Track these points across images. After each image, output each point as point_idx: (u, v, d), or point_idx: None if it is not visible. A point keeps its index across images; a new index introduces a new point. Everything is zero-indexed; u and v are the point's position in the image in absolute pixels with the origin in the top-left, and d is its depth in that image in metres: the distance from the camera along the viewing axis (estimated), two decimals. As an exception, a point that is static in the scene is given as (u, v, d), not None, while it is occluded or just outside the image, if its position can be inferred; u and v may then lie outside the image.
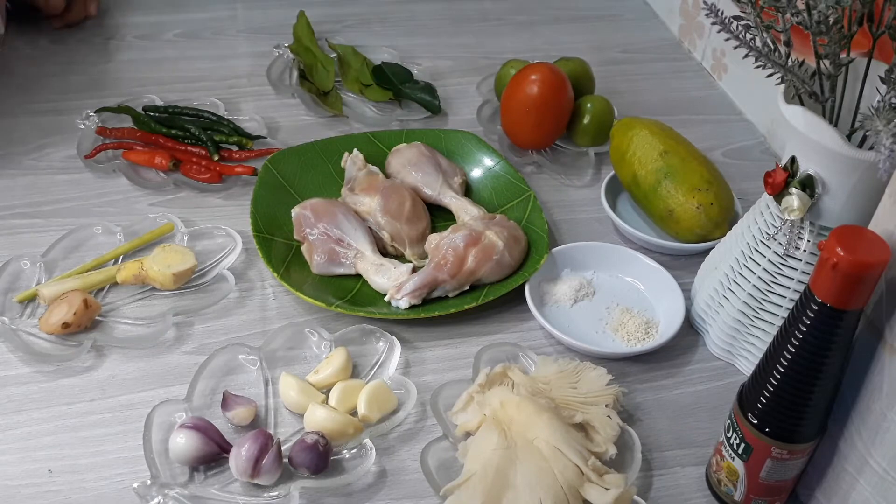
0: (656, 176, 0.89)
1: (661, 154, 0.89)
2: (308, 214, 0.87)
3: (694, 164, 0.89)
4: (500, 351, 0.78)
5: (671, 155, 0.89)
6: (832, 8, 0.63)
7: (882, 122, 0.58)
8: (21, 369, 0.76)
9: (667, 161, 0.88)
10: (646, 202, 0.91)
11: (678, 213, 0.87)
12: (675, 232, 0.89)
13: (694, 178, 0.88)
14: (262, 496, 0.67)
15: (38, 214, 0.90)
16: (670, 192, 0.88)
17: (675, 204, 0.87)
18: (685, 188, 0.87)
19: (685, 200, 0.87)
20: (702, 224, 0.87)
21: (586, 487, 0.66)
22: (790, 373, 0.61)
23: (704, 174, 0.88)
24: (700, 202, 0.87)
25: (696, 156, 0.90)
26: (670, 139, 0.91)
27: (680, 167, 0.88)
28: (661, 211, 0.89)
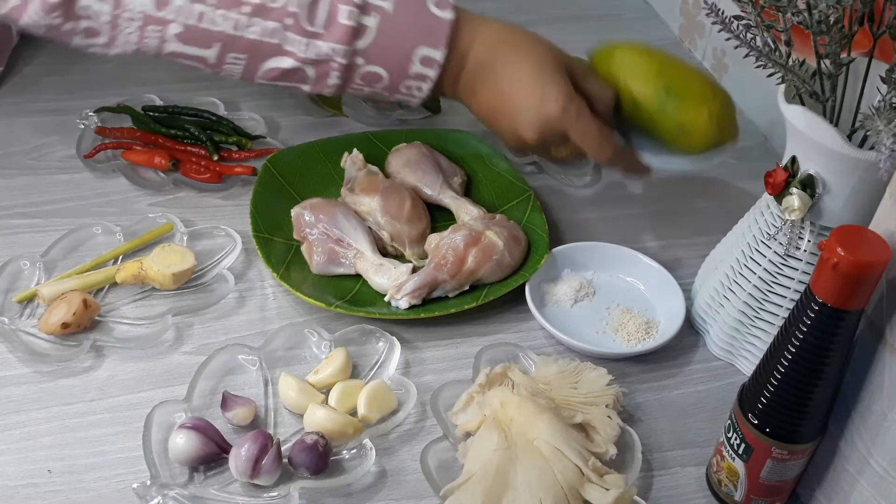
0: (660, 96, 0.84)
1: (657, 74, 0.85)
2: (308, 214, 0.87)
3: (693, 74, 0.86)
4: (500, 351, 0.78)
5: (669, 70, 0.86)
6: (833, 7, 0.63)
7: (882, 121, 0.58)
8: (21, 369, 0.76)
9: (666, 78, 0.85)
10: (652, 124, 0.86)
11: (691, 126, 0.84)
12: (688, 146, 0.86)
13: (697, 87, 0.85)
14: (262, 496, 0.67)
15: (37, 214, 0.90)
16: (678, 106, 0.84)
17: (686, 119, 0.84)
18: (693, 101, 0.84)
19: (696, 111, 0.84)
20: (714, 133, 0.85)
21: (586, 488, 0.66)
22: (791, 373, 0.61)
23: (706, 83, 0.86)
24: (711, 110, 0.84)
25: (688, 67, 0.88)
26: (661, 55, 0.87)
27: (680, 81, 0.85)
28: (671, 129, 0.85)
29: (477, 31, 0.81)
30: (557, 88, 0.79)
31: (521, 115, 0.80)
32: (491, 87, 0.81)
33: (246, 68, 0.78)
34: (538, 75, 0.79)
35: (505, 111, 0.81)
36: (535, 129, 0.80)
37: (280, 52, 0.77)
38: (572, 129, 0.80)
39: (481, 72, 0.81)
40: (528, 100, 0.80)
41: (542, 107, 0.79)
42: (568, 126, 0.80)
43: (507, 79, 0.80)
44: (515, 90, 0.80)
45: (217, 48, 0.77)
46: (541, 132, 0.81)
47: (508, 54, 0.80)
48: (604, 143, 0.81)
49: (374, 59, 0.78)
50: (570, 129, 0.80)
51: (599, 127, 0.81)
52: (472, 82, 0.81)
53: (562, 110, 0.79)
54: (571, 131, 0.80)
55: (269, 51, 0.77)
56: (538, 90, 0.79)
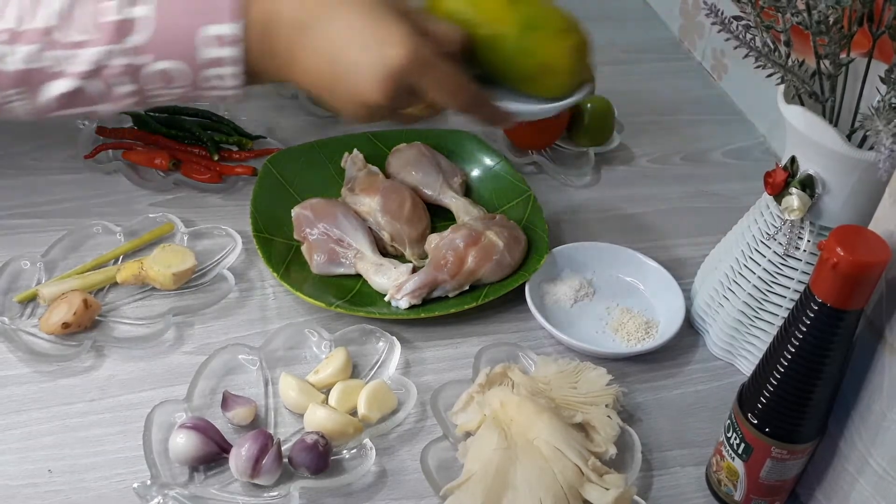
0: (514, 31, 0.73)
1: (509, 5, 0.74)
2: (308, 214, 0.87)
3: (548, 6, 0.75)
4: (500, 351, 0.78)
5: (521, 2, 0.74)
6: (832, 8, 0.63)
7: (882, 121, 0.58)
8: (21, 369, 0.76)
9: (520, 10, 0.74)
10: (508, 65, 0.75)
11: (554, 63, 0.74)
12: (547, 88, 0.76)
13: (556, 21, 0.74)
14: (262, 496, 0.67)
15: (38, 214, 0.90)
16: (538, 42, 0.74)
17: (546, 55, 0.74)
18: (552, 33, 0.74)
19: (557, 45, 0.74)
20: (576, 70, 0.75)
21: (586, 487, 0.66)
22: (790, 373, 0.61)
23: (563, 14, 0.75)
24: (572, 42, 0.74)
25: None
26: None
27: (536, 11, 0.74)
28: (531, 69, 0.75)
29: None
30: (399, 31, 0.66)
31: (360, 72, 0.66)
32: (315, 48, 0.67)
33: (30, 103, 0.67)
34: (372, 20, 0.66)
35: (338, 73, 0.67)
36: (381, 85, 0.66)
37: (52, 76, 0.66)
38: (423, 76, 0.67)
39: (298, 34, 0.67)
40: (366, 51, 0.66)
41: (384, 55, 0.65)
42: (418, 74, 0.66)
43: (333, 33, 0.66)
44: (347, 44, 0.66)
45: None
46: (388, 87, 0.66)
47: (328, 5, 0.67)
48: (460, 89, 0.69)
49: (158, 54, 0.66)
50: (421, 77, 0.67)
51: (453, 73, 0.68)
52: (290, 50, 0.67)
53: (409, 55, 0.65)
54: (423, 79, 0.67)
55: (40, 77, 0.66)
56: (376, 37, 0.65)
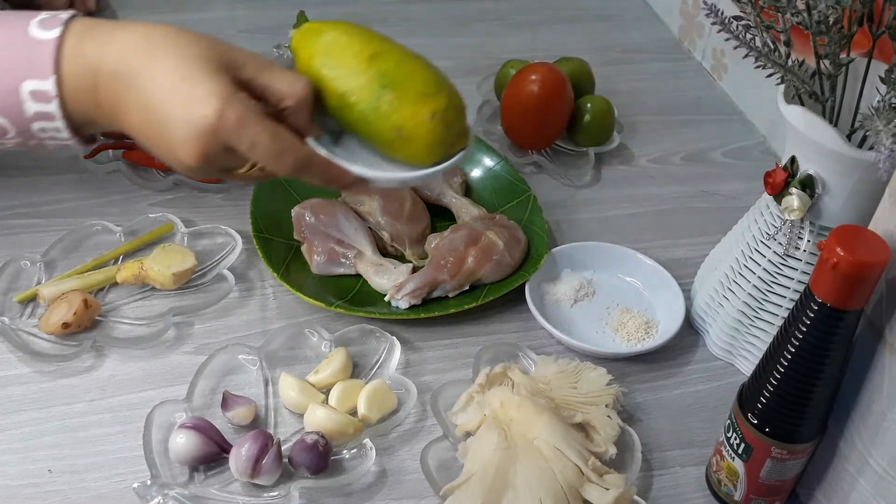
0: (371, 89, 0.67)
1: (369, 60, 0.68)
2: (308, 214, 0.87)
3: (413, 64, 0.69)
4: (500, 351, 0.78)
5: (382, 58, 0.68)
6: (832, 8, 0.63)
7: (882, 121, 0.58)
8: (21, 369, 0.76)
9: (379, 67, 0.67)
10: (365, 126, 0.69)
11: (409, 129, 0.67)
12: (409, 155, 0.70)
13: (418, 82, 0.68)
14: (262, 496, 0.67)
15: (38, 214, 0.90)
16: (394, 105, 0.67)
17: (402, 119, 0.67)
18: (412, 97, 0.67)
19: (415, 111, 0.67)
20: (438, 137, 0.68)
21: (586, 487, 0.66)
22: (790, 373, 0.61)
23: (429, 74, 0.69)
24: (434, 110, 0.67)
25: (410, 54, 0.70)
26: (375, 39, 0.70)
27: (397, 71, 0.68)
28: (387, 133, 0.68)
29: (107, 41, 0.64)
30: (208, 89, 0.61)
31: (172, 131, 0.62)
32: (135, 102, 0.63)
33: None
34: (186, 77, 0.62)
35: (154, 131, 0.64)
36: (192, 146, 0.62)
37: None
38: (236, 138, 0.62)
39: (119, 88, 0.63)
40: (176, 109, 0.62)
41: (191, 116, 0.61)
42: (230, 136, 0.62)
43: (149, 89, 0.62)
44: (161, 101, 0.62)
45: None
46: (199, 149, 0.62)
47: (147, 58, 0.63)
48: (282, 153, 0.64)
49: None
50: (236, 139, 0.62)
51: (273, 133, 0.63)
52: (114, 103, 0.64)
53: (217, 116, 0.61)
54: (236, 142, 0.62)
55: None
56: (187, 96, 0.61)
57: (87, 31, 0.64)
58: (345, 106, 0.68)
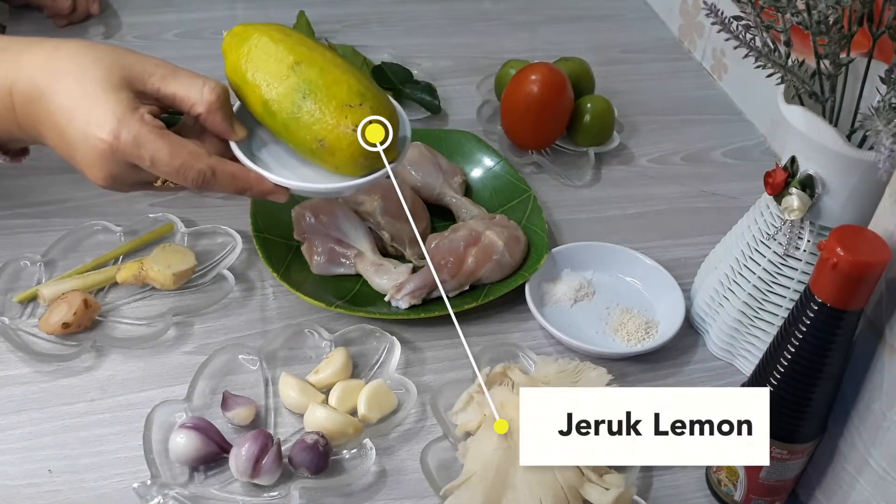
0: (292, 98, 0.67)
1: (291, 67, 0.67)
2: (308, 214, 0.87)
3: (337, 74, 0.68)
4: (500, 351, 0.78)
5: (305, 66, 0.67)
6: (832, 8, 0.63)
7: (882, 121, 0.58)
8: (21, 369, 0.76)
9: (301, 75, 0.67)
10: (288, 135, 0.69)
11: (331, 141, 0.67)
12: (335, 166, 0.69)
13: (341, 92, 0.67)
14: (262, 496, 0.67)
15: (38, 214, 0.90)
16: (315, 116, 0.67)
17: (323, 130, 0.67)
18: (333, 107, 0.67)
19: (336, 123, 0.67)
20: (363, 149, 0.67)
21: (586, 487, 0.66)
22: (790, 373, 0.61)
23: (353, 84, 0.68)
24: (356, 121, 0.67)
25: (337, 62, 0.69)
26: (301, 46, 0.69)
27: (320, 80, 0.67)
28: (309, 143, 0.68)
29: (19, 57, 0.65)
30: (103, 111, 0.62)
31: (77, 151, 0.64)
32: (46, 122, 0.64)
33: None
34: (83, 98, 0.63)
35: (65, 150, 0.65)
36: (98, 168, 0.63)
37: None
38: (136, 156, 0.63)
39: (33, 103, 0.64)
40: (78, 130, 0.63)
41: (90, 136, 0.62)
42: (129, 155, 0.63)
43: (55, 110, 0.63)
44: (66, 122, 0.63)
45: None
46: (102, 168, 0.64)
47: (51, 80, 0.64)
48: (182, 167, 0.64)
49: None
50: (133, 158, 0.63)
51: (171, 149, 0.64)
52: (32, 122, 0.65)
53: (113, 137, 0.62)
54: (136, 160, 0.63)
55: None
56: (84, 116, 0.63)
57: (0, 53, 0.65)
58: (267, 114, 0.68)
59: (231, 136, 0.69)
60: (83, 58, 0.64)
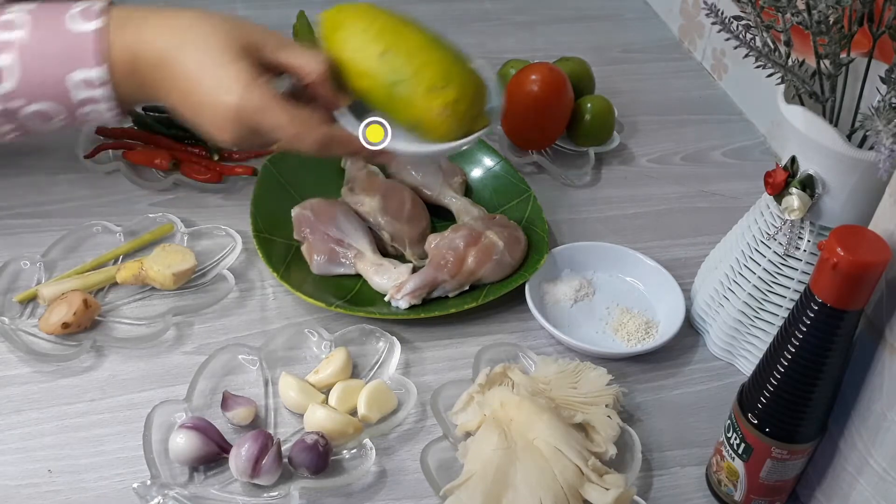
0: (385, 86, 0.71)
1: (380, 57, 0.71)
2: (308, 214, 0.87)
3: (423, 58, 0.71)
4: (500, 351, 0.78)
5: (392, 55, 0.71)
6: (832, 8, 0.63)
7: (882, 121, 0.58)
8: (21, 369, 0.76)
9: (389, 64, 0.71)
10: (389, 116, 0.73)
11: (425, 121, 0.71)
12: (434, 139, 0.73)
13: (427, 76, 0.70)
14: (262, 496, 0.67)
15: (38, 214, 0.90)
16: (406, 101, 0.71)
17: (416, 114, 0.71)
18: (421, 91, 0.70)
19: (426, 107, 0.70)
20: (453, 127, 0.72)
21: (586, 487, 0.66)
22: (790, 373, 0.61)
23: (438, 67, 0.71)
24: (444, 103, 0.70)
25: (423, 44, 0.72)
26: (389, 32, 0.72)
27: (406, 68, 0.71)
28: (404, 123, 0.73)
29: (141, 25, 0.70)
30: (231, 77, 0.67)
31: (204, 113, 0.69)
32: (172, 86, 0.70)
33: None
34: (212, 64, 0.68)
35: (190, 111, 0.71)
36: (224, 128, 0.69)
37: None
38: (259, 121, 0.68)
39: (158, 70, 0.69)
40: (206, 95, 0.68)
41: (218, 102, 0.68)
42: (254, 119, 0.68)
43: (183, 74, 0.69)
44: (193, 86, 0.68)
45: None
46: (228, 130, 0.69)
47: (178, 47, 0.69)
48: (302, 133, 0.69)
49: (31, 97, 0.68)
50: (258, 122, 0.68)
51: (291, 116, 0.68)
52: (155, 82, 0.70)
53: (240, 99, 0.67)
54: (259, 125, 0.68)
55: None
56: (212, 82, 0.68)
57: (123, 21, 0.69)
58: (364, 96, 0.73)
59: (337, 103, 0.73)
60: (206, 25, 0.69)
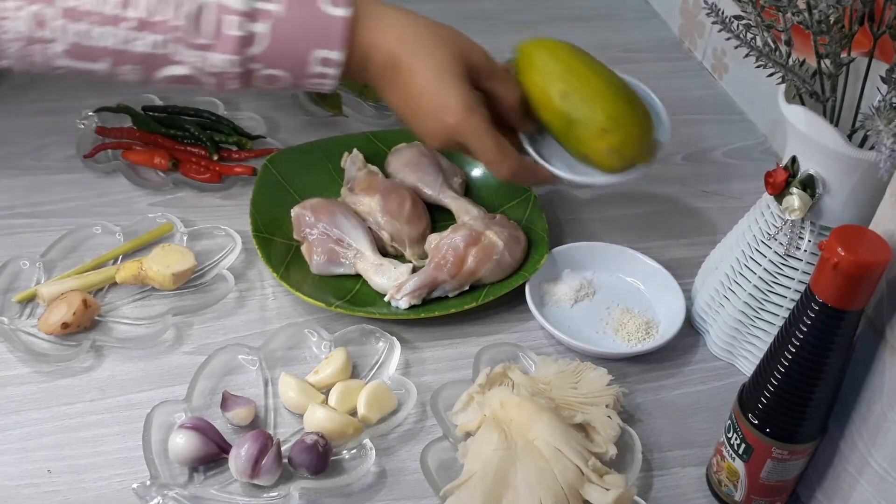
0: (562, 121, 0.80)
1: (561, 97, 0.80)
2: (308, 214, 0.87)
3: (598, 102, 0.80)
4: (500, 351, 0.78)
5: (572, 96, 0.80)
6: (833, 7, 0.63)
7: (883, 121, 0.58)
8: (20, 369, 0.76)
9: (568, 104, 0.80)
10: (563, 147, 0.83)
11: (592, 157, 0.80)
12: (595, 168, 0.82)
13: (598, 119, 0.79)
14: (262, 496, 0.67)
15: (37, 214, 0.90)
16: (578, 138, 0.80)
17: (585, 150, 0.80)
18: (591, 133, 0.79)
19: (594, 146, 0.79)
20: (617, 164, 0.80)
21: (586, 488, 0.66)
22: (791, 373, 0.61)
23: (610, 110, 0.79)
24: (609, 145, 0.79)
25: (600, 89, 0.81)
26: (570, 73, 0.81)
27: (581, 109, 0.79)
28: (575, 155, 0.82)
29: (379, 25, 0.78)
30: (456, 100, 0.77)
31: (422, 122, 0.79)
32: (395, 89, 0.79)
33: (142, 76, 0.76)
34: (438, 83, 0.77)
35: (409, 115, 0.80)
36: (436, 139, 0.79)
37: (172, 62, 0.74)
38: (470, 142, 0.78)
39: (388, 70, 0.78)
40: (428, 108, 0.78)
41: (439, 118, 0.77)
42: (465, 139, 0.78)
43: (409, 84, 0.78)
44: (417, 97, 0.78)
45: (107, 62, 0.74)
46: (442, 143, 0.79)
47: (410, 56, 0.77)
48: (502, 160, 0.79)
49: (270, 64, 0.76)
50: (467, 143, 0.78)
51: (497, 143, 0.78)
52: (381, 79, 0.79)
53: (458, 123, 0.77)
54: (469, 145, 0.78)
55: (160, 61, 0.75)
56: (438, 100, 0.77)
57: (367, 13, 0.77)
58: (544, 126, 0.83)
59: (522, 128, 0.83)
60: (437, 39, 0.79)
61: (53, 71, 0.75)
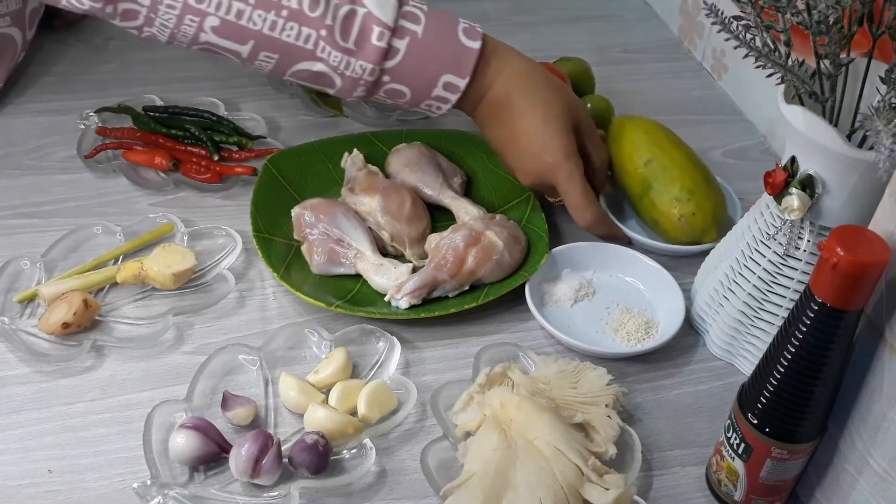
0: (641, 186, 0.88)
1: (644, 164, 0.88)
2: (308, 214, 0.87)
3: (676, 173, 0.88)
4: (500, 351, 0.78)
5: (654, 164, 0.88)
6: (832, 8, 0.63)
7: (882, 121, 0.58)
8: (21, 369, 0.76)
9: (649, 171, 0.88)
10: (635, 209, 0.92)
11: (662, 223, 0.88)
12: (663, 238, 0.90)
13: (675, 188, 0.87)
14: (262, 496, 0.67)
15: (38, 214, 0.90)
16: (653, 202, 0.88)
17: (658, 215, 0.88)
18: (666, 199, 0.87)
19: (667, 212, 0.87)
20: (685, 233, 0.87)
21: (586, 487, 0.66)
22: (790, 373, 0.61)
23: (687, 182, 0.87)
24: (681, 213, 0.86)
25: (680, 162, 0.89)
26: (656, 145, 0.90)
27: (661, 177, 0.88)
28: (647, 220, 0.90)
29: (501, 65, 0.84)
30: (558, 145, 0.82)
31: (522, 158, 0.85)
32: (503, 125, 0.85)
33: (277, 66, 0.80)
34: (545, 127, 0.83)
35: (509, 152, 0.86)
36: (530, 177, 0.85)
37: (312, 58, 0.79)
38: (561, 187, 0.84)
39: (497, 108, 0.84)
40: (531, 149, 0.84)
41: (539, 159, 0.83)
42: (558, 183, 0.83)
43: (517, 123, 0.84)
44: (521, 136, 0.84)
45: (251, 45, 0.78)
46: (534, 181, 0.86)
47: (524, 98, 0.83)
48: (587, 206, 0.84)
49: (399, 79, 0.81)
50: (559, 187, 0.84)
51: (586, 192, 0.83)
52: (488, 115, 0.85)
53: (556, 167, 0.83)
54: (560, 189, 0.84)
55: (302, 54, 0.79)
56: (541, 143, 0.83)
57: (492, 53, 0.84)
58: (624, 191, 0.91)
59: (604, 189, 0.91)
60: (551, 88, 0.85)
61: (193, 46, 0.79)
